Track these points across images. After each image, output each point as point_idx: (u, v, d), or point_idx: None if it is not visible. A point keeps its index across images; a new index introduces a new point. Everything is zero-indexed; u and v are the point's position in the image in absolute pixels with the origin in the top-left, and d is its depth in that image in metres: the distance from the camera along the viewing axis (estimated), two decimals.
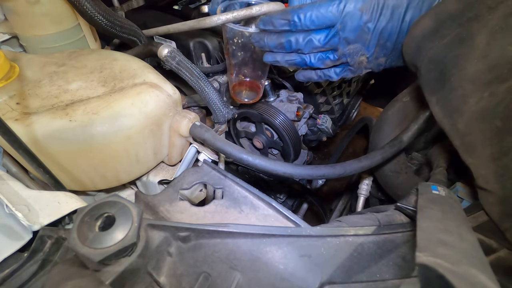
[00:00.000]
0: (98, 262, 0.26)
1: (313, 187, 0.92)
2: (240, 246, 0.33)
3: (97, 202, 0.29)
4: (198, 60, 0.74)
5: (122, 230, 0.28)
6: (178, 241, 0.34)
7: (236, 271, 0.32)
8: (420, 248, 0.23)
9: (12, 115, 0.43)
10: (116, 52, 0.58)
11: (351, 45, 0.42)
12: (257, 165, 0.46)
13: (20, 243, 0.36)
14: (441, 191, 0.34)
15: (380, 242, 0.34)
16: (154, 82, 0.51)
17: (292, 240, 0.33)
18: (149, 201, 0.41)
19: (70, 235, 0.27)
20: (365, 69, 0.47)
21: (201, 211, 0.39)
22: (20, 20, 0.58)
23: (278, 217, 0.38)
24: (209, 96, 0.53)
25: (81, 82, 0.50)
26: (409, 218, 0.39)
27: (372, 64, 0.45)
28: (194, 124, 0.52)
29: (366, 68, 0.46)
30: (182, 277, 0.32)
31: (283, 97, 0.74)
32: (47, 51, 0.60)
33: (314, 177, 0.47)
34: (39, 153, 0.37)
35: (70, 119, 0.43)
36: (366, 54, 0.44)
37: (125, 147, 0.47)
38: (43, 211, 0.37)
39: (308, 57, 0.46)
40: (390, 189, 0.61)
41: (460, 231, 0.27)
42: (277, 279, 0.31)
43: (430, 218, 0.28)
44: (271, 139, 0.71)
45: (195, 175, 0.45)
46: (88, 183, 0.51)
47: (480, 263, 0.23)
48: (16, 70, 0.49)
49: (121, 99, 0.46)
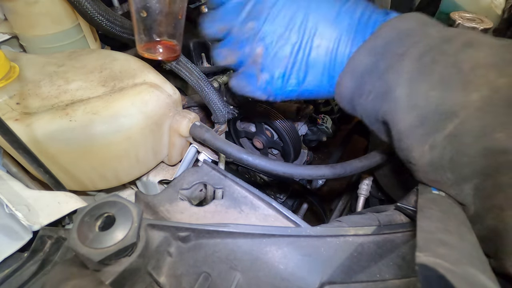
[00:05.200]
0: (98, 262, 0.26)
1: (313, 187, 0.92)
2: (240, 246, 0.33)
3: (97, 202, 0.29)
4: (198, 60, 0.74)
5: (122, 230, 0.28)
6: (178, 241, 0.34)
7: (236, 271, 0.32)
8: (420, 248, 0.23)
9: (12, 115, 0.43)
10: (116, 52, 0.58)
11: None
12: (257, 165, 0.46)
13: (20, 243, 0.36)
14: (441, 191, 0.34)
15: (380, 242, 0.34)
16: (154, 82, 0.51)
17: (292, 240, 0.33)
18: (149, 201, 0.41)
19: (70, 235, 0.27)
20: (262, 74, 0.38)
21: (201, 211, 0.39)
22: (20, 20, 0.58)
23: (278, 217, 0.38)
24: (209, 96, 0.53)
25: (81, 82, 0.50)
26: (409, 218, 0.39)
27: (269, 63, 0.37)
28: (194, 124, 0.52)
29: (263, 70, 0.38)
30: (182, 277, 0.32)
31: None
32: (47, 51, 0.60)
33: (314, 177, 0.47)
34: (39, 153, 0.37)
35: (70, 119, 0.43)
36: (264, 40, 0.37)
37: (125, 147, 0.47)
38: (43, 211, 0.37)
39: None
40: (390, 189, 0.61)
41: (460, 231, 0.27)
42: (277, 279, 0.31)
43: (430, 218, 0.28)
44: (271, 139, 0.71)
45: (195, 175, 0.45)
46: (88, 183, 0.51)
47: (480, 263, 0.23)
48: (16, 70, 0.49)
49: (121, 99, 0.46)
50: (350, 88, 0.35)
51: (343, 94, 0.36)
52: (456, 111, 0.28)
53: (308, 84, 0.38)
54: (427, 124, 0.29)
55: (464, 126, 0.27)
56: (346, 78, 0.35)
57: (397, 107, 0.31)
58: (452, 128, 0.28)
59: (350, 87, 0.35)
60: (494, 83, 0.27)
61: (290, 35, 0.36)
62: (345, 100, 0.37)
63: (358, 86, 0.34)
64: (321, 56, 0.36)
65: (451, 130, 0.28)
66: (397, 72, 0.31)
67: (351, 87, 0.35)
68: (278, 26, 0.36)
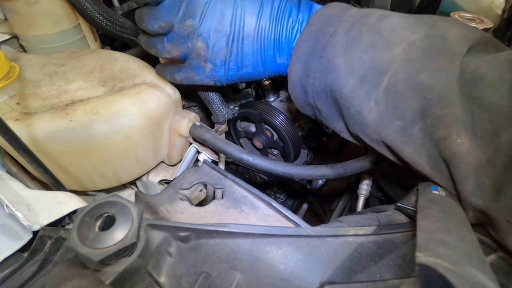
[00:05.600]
0: (98, 262, 0.26)
1: (313, 187, 0.92)
2: (240, 246, 0.33)
3: (97, 202, 0.29)
4: None
5: (122, 230, 0.28)
6: (178, 241, 0.34)
7: (236, 271, 0.32)
8: (420, 248, 0.23)
9: (12, 115, 0.43)
10: (116, 52, 0.58)
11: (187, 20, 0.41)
12: (257, 165, 0.46)
13: (20, 243, 0.36)
14: (441, 191, 0.34)
15: (380, 242, 0.34)
16: (154, 82, 0.51)
17: (292, 240, 0.33)
18: (149, 201, 0.41)
19: (70, 235, 0.27)
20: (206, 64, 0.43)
21: (201, 211, 0.39)
22: (20, 20, 0.58)
23: (278, 217, 0.38)
24: (209, 96, 0.53)
25: (81, 82, 0.50)
26: (409, 218, 0.39)
27: (211, 54, 0.42)
28: (194, 124, 0.52)
29: (206, 61, 0.43)
30: (182, 277, 0.32)
31: (283, 97, 0.74)
32: (47, 51, 0.60)
33: (314, 177, 0.47)
34: (39, 153, 0.37)
35: (70, 119, 0.43)
36: (202, 35, 0.41)
37: (125, 147, 0.47)
38: (43, 211, 0.37)
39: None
40: (390, 189, 0.61)
41: (460, 231, 0.27)
42: (277, 279, 0.31)
43: (430, 218, 0.28)
44: (271, 139, 0.71)
45: (195, 175, 0.45)
46: (88, 183, 0.51)
47: (480, 263, 0.23)
48: (16, 70, 0.49)
49: (121, 99, 0.46)
50: (299, 72, 0.40)
51: (294, 81, 0.41)
52: (386, 66, 0.34)
53: (246, 68, 0.44)
54: (366, 82, 0.34)
55: (395, 77, 0.33)
56: (294, 65, 0.40)
57: (339, 74, 0.36)
58: (387, 80, 0.33)
59: (299, 71, 0.40)
60: (409, 38, 0.33)
61: (224, 29, 0.41)
62: (298, 87, 0.41)
63: (305, 69, 0.39)
64: (252, 44, 0.42)
65: (387, 83, 0.33)
66: (333, 46, 0.37)
67: (300, 70, 0.40)
68: (213, 22, 0.41)
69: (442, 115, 0.30)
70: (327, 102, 0.40)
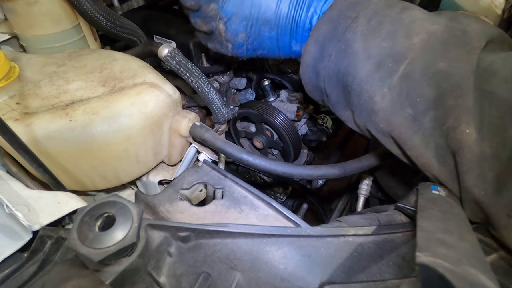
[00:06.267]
0: (98, 262, 0.26)
1: (313, 187, 0.92)
2: (240, 246, 0.33)
3: (97, 202, 0.29)
4: (198, 60, 0.73)
5: (122, 230, 0.28)
6: (178, 241, 0.34)
7: (236, 271, 0.32)
8: (420, 248, 0.23)
9: (12, 115, 0.43)
10: (116, 52, 0.58)
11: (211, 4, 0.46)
12: (257, 165, 0.46)
13: (20, 243, 0.36)
14: (441, 191, 0.34)
15: (380, 242, 0.34)
16: (154, 82, 0.51)
17: (292, 240, 0.33)
18: (149, 201, 0.41)
19: (70, 235, 0.27)
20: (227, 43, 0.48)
21: (201, 211, 0.39)
22: (20, 20, 0.58)
23: (278, 217, 0.38)
24: (209, 96, 0.53)
25: (81, 82, 0.50)
26: (409, 218, 0.39)
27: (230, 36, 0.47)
28: (194, 124, 0.52)
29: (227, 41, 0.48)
30: (182, 277, 0.32)
31: (283, 97, 0.74)
32: (47, 51, 0.60)
33: (314, 177, 0.47)
34: (39, 153, 0.37)
35: (70, 119, 0.43)
36: (223, 18, 0.45)
37: (125, 147, 0.47)
38: (43, 211, 0.37)
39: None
40: (390, 189, 0.61)
41: (460, 231, 0.27)
42: (277, 279, 0.31)
43: (430, 218, 0.28)
44: (271, 139, 0.71)
45: (195, 175, 0.45)
46: (88, 183, 0.51)
47: (480, 263, 0.23)
48: (16, 70, 0.49)
49: (121, 99, 0.46)
50: (314, 54, 0.41)
51: (307, 63, 0.42)
52: (404, 53, 0.34)
53: (262, 50, 0.48)
54: (382, 68, 0.35)
55: (412, 65, 0.33)
56: (310, 46, 0.41)
57: (356, 59, 0.36)
58: (403, 68, 0.34)
59: (314, 52, 0.41)
60: (430, 29, 0.34)
61: (243, 15, 0.44)
62: (310, 69, 0.42)
63: (320, 51, 0.40)
64: (269, 30, 0.44)
65: (403, 71, 0.34)
66: (353, 31, 0.37)
67: (315, 52, 0.40)
68: (233, 8, 0.44)
69: (455, 105, 0.31)
70: (337, 87, 0.40)
